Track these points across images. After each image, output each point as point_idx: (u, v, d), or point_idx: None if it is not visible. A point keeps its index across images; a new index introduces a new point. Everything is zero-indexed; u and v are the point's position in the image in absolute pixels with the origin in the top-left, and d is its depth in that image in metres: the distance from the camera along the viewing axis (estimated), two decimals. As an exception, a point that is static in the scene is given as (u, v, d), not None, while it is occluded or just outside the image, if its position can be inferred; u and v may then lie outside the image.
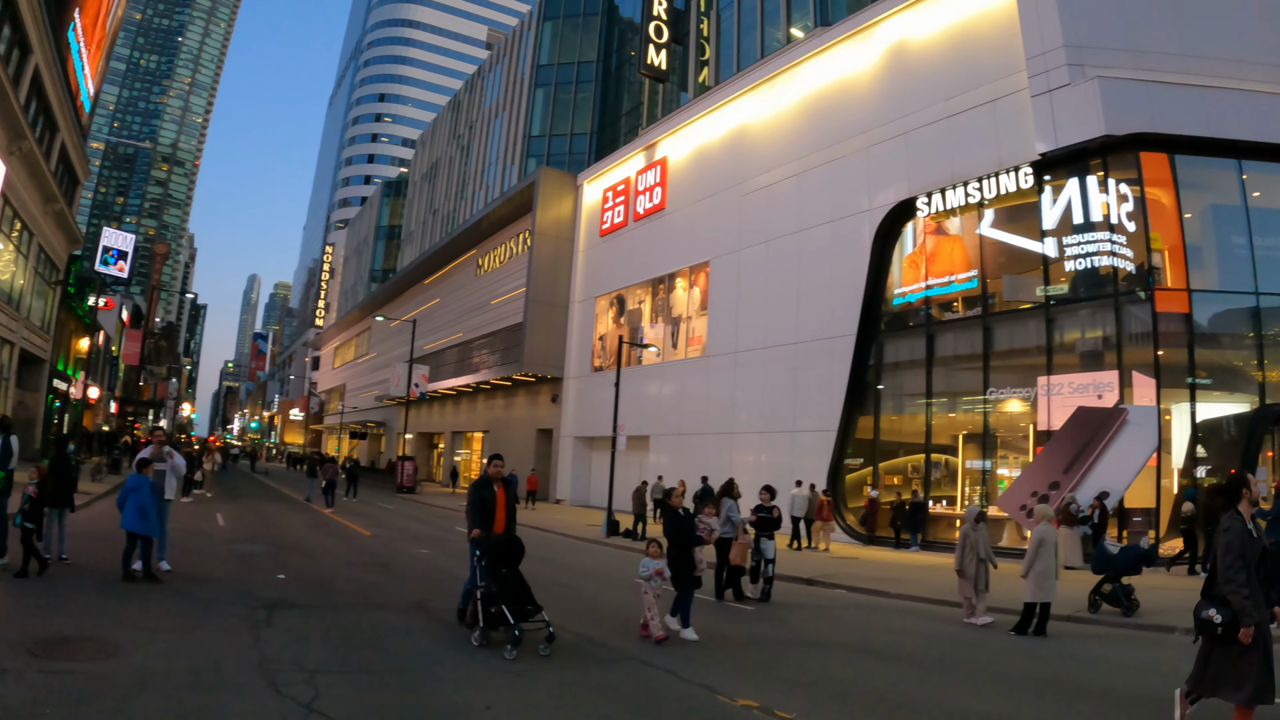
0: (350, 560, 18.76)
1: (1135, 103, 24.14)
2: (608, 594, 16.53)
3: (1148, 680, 10.70)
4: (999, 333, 26.88)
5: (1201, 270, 24.74)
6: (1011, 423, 26.76)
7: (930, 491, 28.06)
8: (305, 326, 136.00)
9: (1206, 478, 23.40)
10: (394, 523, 30.28)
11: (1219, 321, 24.83)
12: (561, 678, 9.25)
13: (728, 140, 37.79)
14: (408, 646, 10.32)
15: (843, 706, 8.91)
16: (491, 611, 10.44)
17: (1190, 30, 25.46)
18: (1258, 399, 23.91)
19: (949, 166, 27.78)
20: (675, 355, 39.37)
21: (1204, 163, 24.91)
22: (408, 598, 14.10)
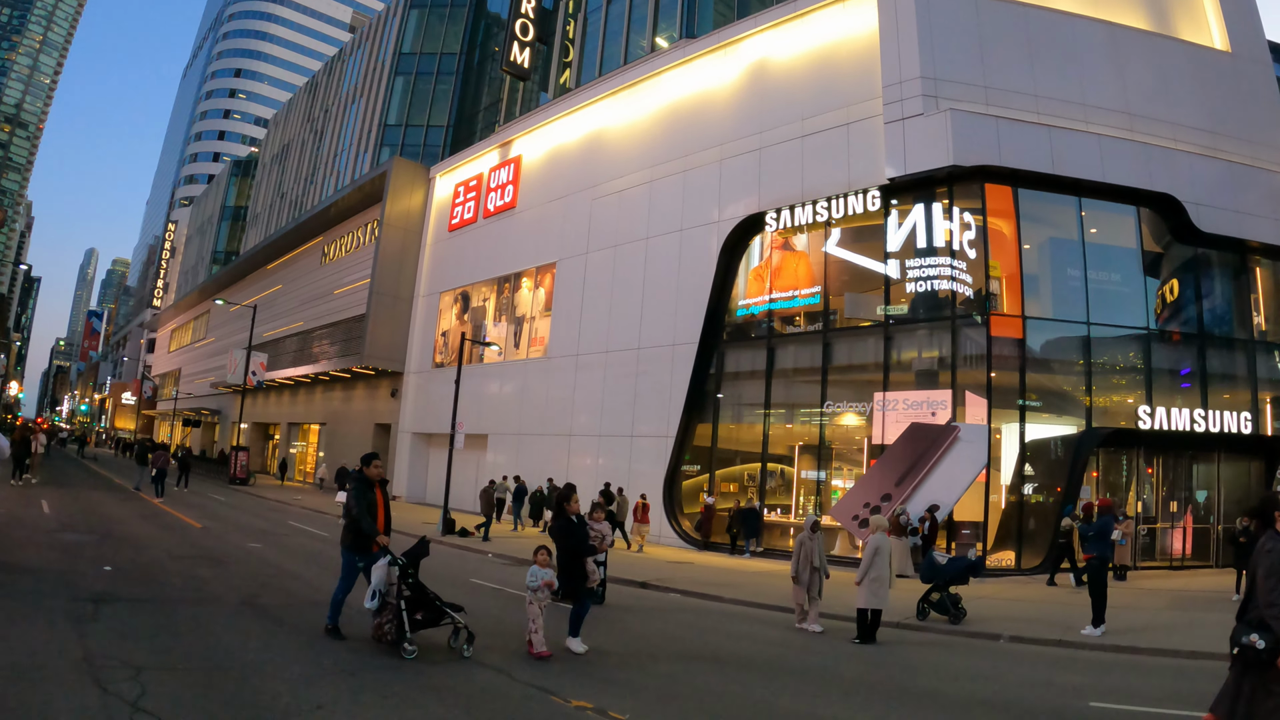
0: (180, 553, 18.22)
1: (984, 136, 24.83)
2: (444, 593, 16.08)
3: (976, 686, 11.10)
4: (839, 348, 27.32)
5: (1037, 299, 25.72)
6: (847, 436, 27.22)
7: (765, 500, 28.22)
8: (142, 306, 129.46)
9: (1033, 494, 24.57)
10: (225, 515, 29.43)
11: (1051, 348, 25.77)
12: (394, 678, 9.13)
13: (584, 143, 37.32)
14: (238, 644, 10.11)
15: (677, 709, 9.00)
16: (416, 618, 10.44)
17: (1042, 72, 26.51)
18: (1084, 422, 25.09)
19: (799, 184, 28.13)
20: (517, 355, 38.68)
21: (1046, 198, 25.81)
22: (238, 593, 13.72)
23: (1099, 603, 14.84)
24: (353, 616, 11.48)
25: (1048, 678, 11.82)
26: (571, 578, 11.32)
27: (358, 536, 11.03)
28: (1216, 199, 26.94)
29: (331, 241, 55.12)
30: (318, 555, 20.32)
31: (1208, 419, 25.97)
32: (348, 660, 9.69)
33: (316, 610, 12.02)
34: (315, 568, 18.00)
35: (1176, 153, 26.96)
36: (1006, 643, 14.58)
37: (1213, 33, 30.24)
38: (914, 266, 25.39)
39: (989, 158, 24.73)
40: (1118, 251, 26.69)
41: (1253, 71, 29.88)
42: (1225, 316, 28.05)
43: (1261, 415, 27.39)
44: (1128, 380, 26.71)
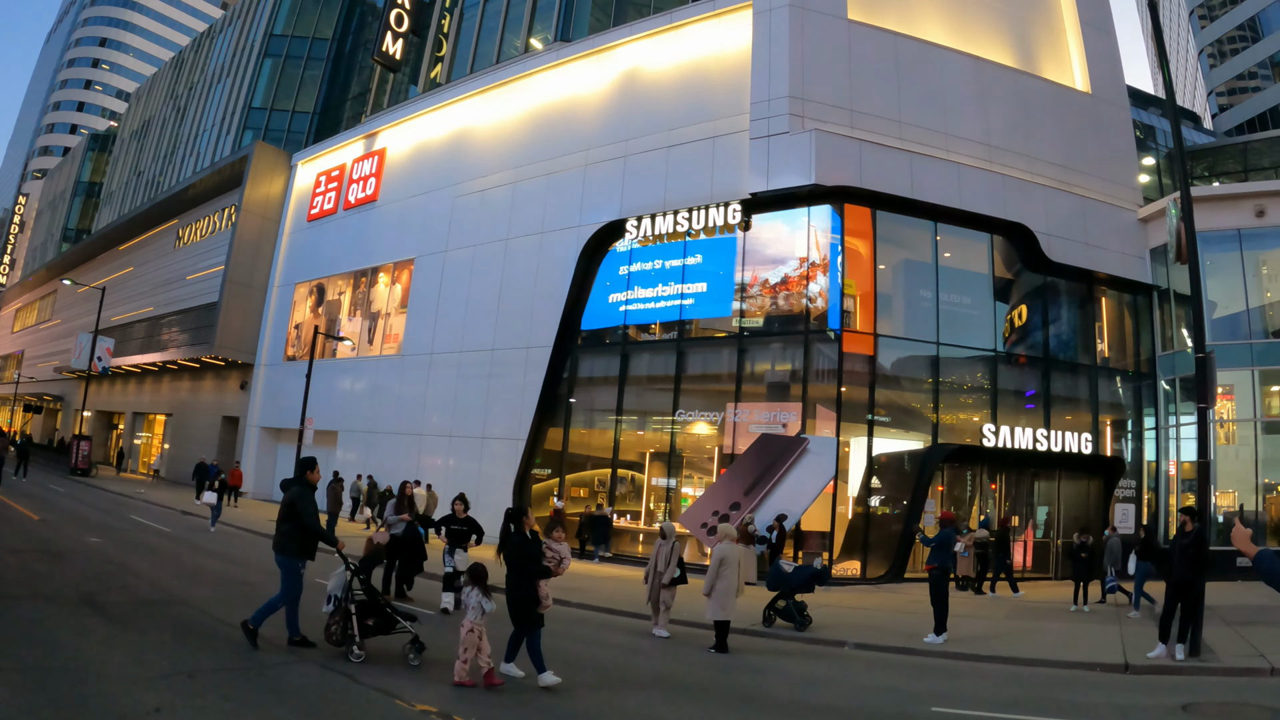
0: (15, 546, 17.61)
1: (847, 158, 25.24)
2: None
3: (821, 692, 11.41)
4: (693, 358, 27.45)
5: (890, 317, 26.20)
6: (698, 444, 27.37)
7: (615, 506, 28.01)
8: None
9: (880, 507, 25.12)
10: (65, 506, 28.38)
11: (901, 365, 26.28)
12: (235, 680, 8.96)
13: (450, 140, 36.41)
14: (74, 644, 9.81)
15: (525, 713, 9.10)
16: (368, 624, 10.49)
17: (907, 99, 27.06)
18: (931, 438, 25.65)
19: (662, 194, 28.08)
20: (371, 351, 37.53)
21: (903, 220, 26.27)
22: (77, 590, 13.20)
23: (940, 611, 15.09)
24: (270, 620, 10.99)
25: (891, 684, 12.03)
26: (521, 601, 10.36)
27: (302, 542, 10.96)
28: (1067, 231, 27.86)
29: (187, 225, 52.66)
30: (160, 551, 19.83)
31: (1050, 439, 26.88)
32: (189, 662, 9.41)
33: (158, 609, 11.92)
34: (158, 565, 17.49)
35: (1032, 185, 27.81)
36: (851, 650, 14.79)
37: (1075, 73, 31.28)
38: (770, 281, 25.59)
39: (850, 179, 25.13)
40: (970, 276, 27.33)
41: (1110, 113, 31.05)
42: (1070, 342, 29.04)
43: (1101, 437, 28.60)
44: (974, 399, 27.41)
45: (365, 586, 10.78)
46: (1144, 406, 30.06)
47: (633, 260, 28.44)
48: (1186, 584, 13.94)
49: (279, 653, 10.39)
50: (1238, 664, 13.73)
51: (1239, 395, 29.17)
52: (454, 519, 15.84)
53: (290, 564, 10.86)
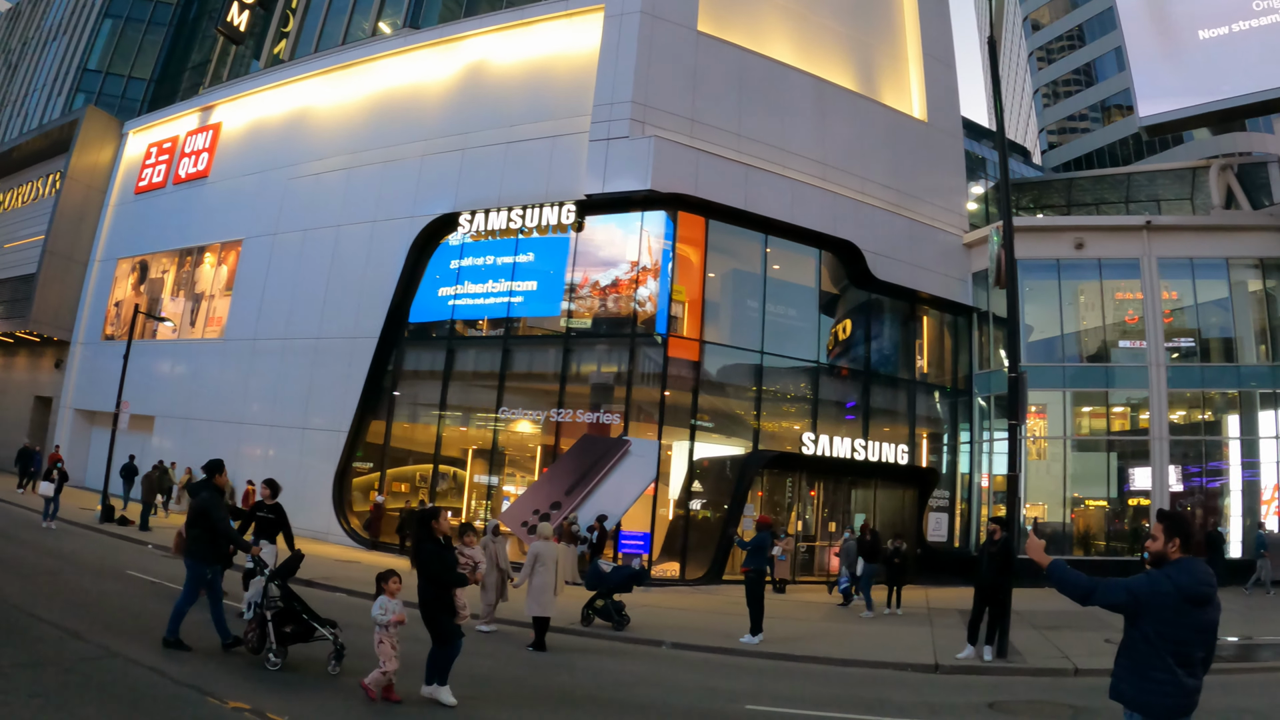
0: None
1: (684, 166, 25.72)
2: (97, 584, 15.75)
3: (638, 690, 11.66)
4: (519, 356, 27.67)
5: (717, 325, 26.88)
6: (522, 442, 27.70)
7: (437, 502, 27.58)
8: None
9: (700, 510, 25.62)
10: None
11: (726, 372, 26.99)
12: (42, 676, 8.71)
13: (288, 119, 35.45)
14: None
15: (337, 708, 9.07)
16: (286, 631, 10.34)
17: (748, 113, 27.75)
18: (752, 444, 26.46)
19: (498, 189, 27.99)
20: (193, 334, 36.28)
21: (736, 231, 26.92)
22: None
23: (756, 612, 15.60)
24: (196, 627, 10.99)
25: (707, 683, 12.37)
26: (437, 613, 9.72)
27: (213, 547, 10.89)
28: (894, 251, 29.13)
29: (8, 190, 49.82)
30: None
31: (868, 449, 28.07)
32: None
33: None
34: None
35: (863, 205, 28.94)
36: (669, 649, 15.11)
37: (914, 102, 32.69)
38: (601, 283, 25.95)
39: (686, 187, 25.63)
40: (798, 289, 28.29)
41: (943, 141, 32.62)
42: (892, 357, 30.45)
43: (918, 449, 30.09)
44: (796, 408, 28.36)
45: (283, 593, 10.60)
46: (960, 421, 31.68)
47: (464, 255, 28.27)
48: (994, 589, 14.77)
49: (93, 646, 10.21)
50: (1044, 665, 14.63)
51: (1051, 414, 30.99)
52: (262, 505, 14.62)
53: (198, 569, 10.84)
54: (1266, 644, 17.10)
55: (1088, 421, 32.03)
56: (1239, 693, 12.30)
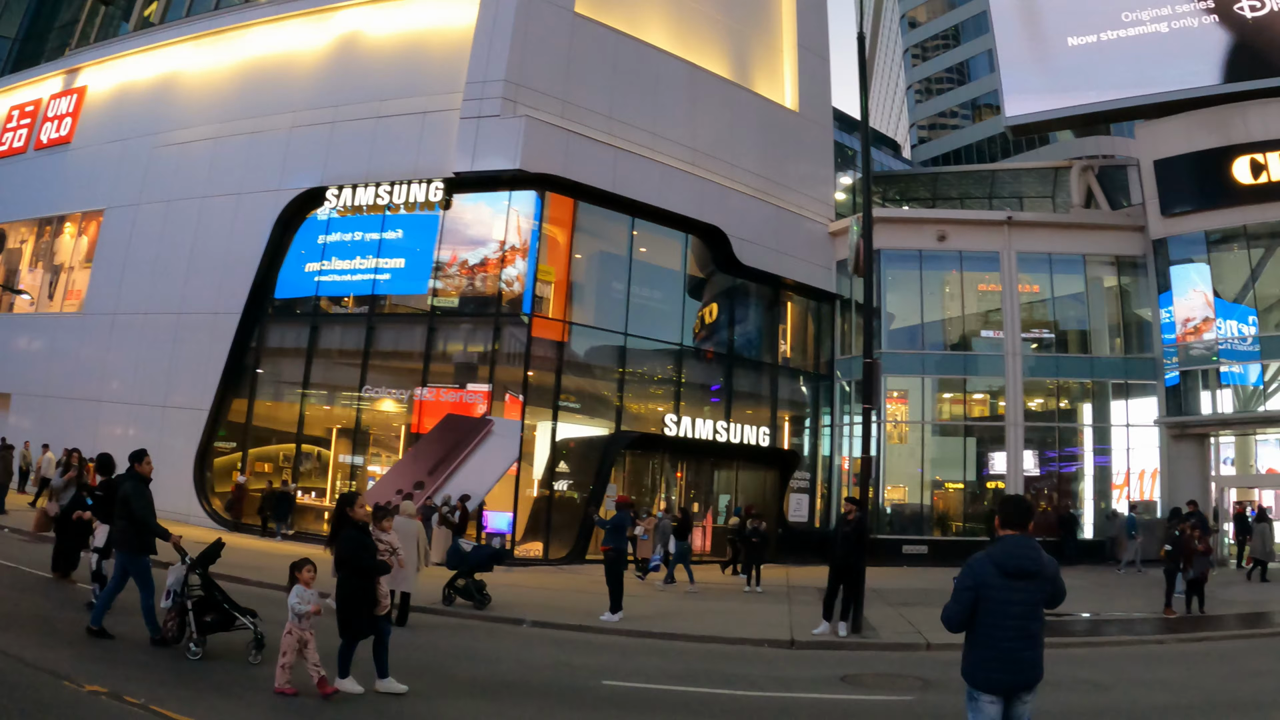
0: None
1: (554, 147, 26.03)
2: None
3: (498, 668, 11.72)
4: (384, 334, 27.81)
5: (582, 306, 27.41)
6: (386, 422, 27.75)
7: (300, 482, 27.85)
8: None
9: (564, 490, 26.05)
10: None
11: (591, 354, 27.60)
12: None
13: (156, 85, 34.61)
14: None
15: (193, 692, 9.03)
16: (206, 620, 10.34)
17: (621, 97, 28.25)
18: (615, 425, 27.03)
19: (367, 165, 27.91)
20: (51, 307, 35.36)
21: (603, 213, 27.46)
22: None
23: (616, 591, 15.97)
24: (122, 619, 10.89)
25: (567, 660, 12.58)
26: (359, 603, 9.40)
27: (138, 537, 10.79)
28: (761, 237, 30.01)
29: None
30: None
31: (729, 431, 28.93)
32: None
33: None
34: None
35: (731, 191, 29.74)
36: (529, 627, 15.32)
37: (786, 92, 33.65)
38: (469, 262, 26.27)
39: (555, 168, 25.96)
40: (664, 272, 29.02)
41: (814, 132, 33.76)
42: (756, 342, 31.56)
43: (780, 431, 31.17)
44: (660, 390, 29.11)
45: (204, 582, 10.61)
46: (822, 405, 33.00)
47: (331, 230, 28.16)
48: (848, 567, 15.37)
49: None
50: (897, 640, 15.34)
51: (913, 400, 32.20)
52: (106, 483, 13.51)
53: (130, 561, 10.82)
54: (1114, 620, 18.14)
55: (948, 407, 33.53)
56: (1085, 665, 13.21)
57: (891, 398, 32.52)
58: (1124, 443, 32.51)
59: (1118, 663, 13.85)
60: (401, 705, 9.26)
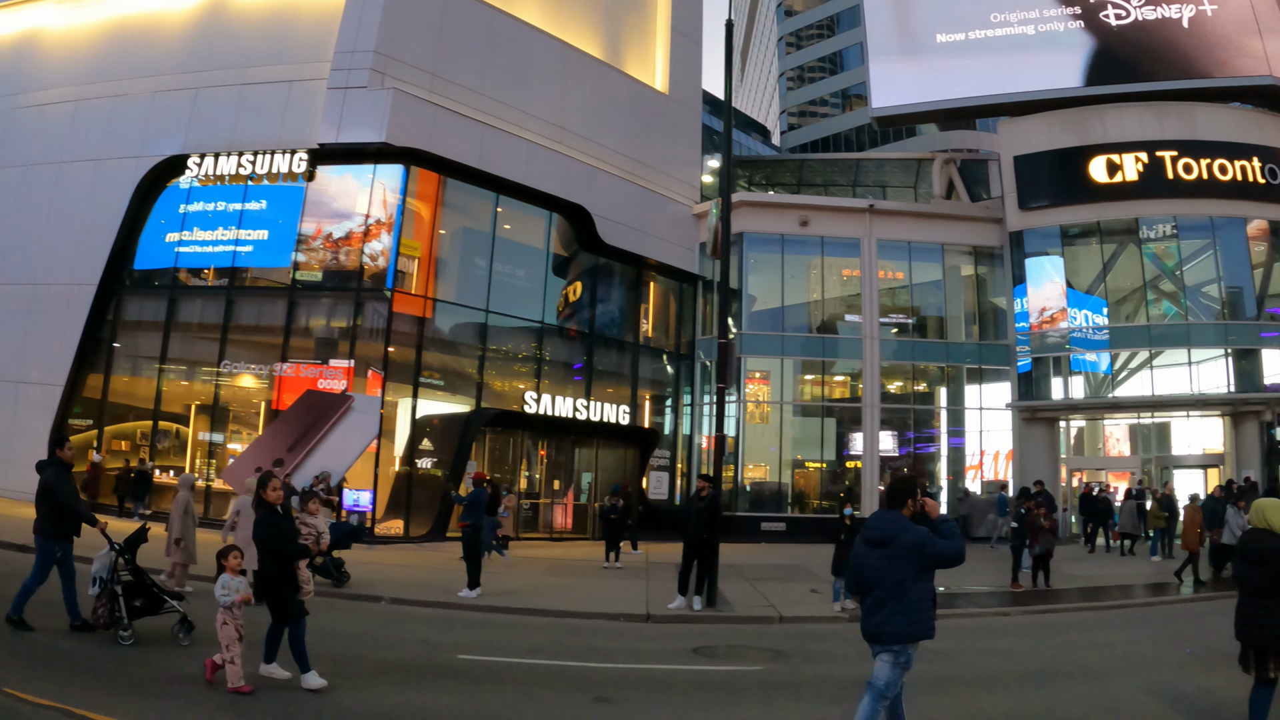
0: None
1: (421, 121, 26.49)
2: None
3: (356, 645, 11.80)
4: (245, 308, 27.90)
5: (446, 282, 28.08)
6: (246, 398, 27.85)
7: (158, 460, 27.77)
8: None
9: (425, 468, 26.50)
10: None
11: (453, 330, 28.30)
12: None
13: (16, 42, 33.72)
14: None
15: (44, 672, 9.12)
16: (135, 605, 10.49)
17: (491, 73, 28.83)
18: (476, 402, 27.57)
19: (231, 133, 27.95)
20: (-102, 278, 34.19)
21: (469, 189, 28.16)
22: None
23: (474, 567, 16.36)
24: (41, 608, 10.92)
25: (424, 636, 12.80)
26: (279, 588, 9.29)
27: (60, 524, 10.89)
28: (625, 218, 31.18)
29: None
30: None
31: (590, 409, 30.06)
32: None
33: None
34: None
35: (598, 171, 30.80)
36: (388, 604, 15.63)
37: (657, 74, 34.88)
38: (333, 235, 26.63)
39: (421, 142, 26.45)
40: (528, 250, 29.95)
41: (682, 115, 35.02)
42: (618, 321, 32.83)
43: (641, 410, 32.50)
44: (522, 368, 30.06)
45: (131, 566, 10.72)
46: (683, 384, 34.47)
47: (193, 200, 28.09)
48: (702, 542, 16.07)
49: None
50: (751, 613, 16.04)
51: (774, 381, 33.64)
52: None
53: (47, 546, 10.90)
54: (964, 593, 19.15)
55: (810, 388, 35.29)
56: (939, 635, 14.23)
57: (754, 378, 34.12)
58: (978, 425, 34.82)
59: (965, 633, 14.61)
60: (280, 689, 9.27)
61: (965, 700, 10.21)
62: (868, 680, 7.23)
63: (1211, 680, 10.56)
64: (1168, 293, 33.95)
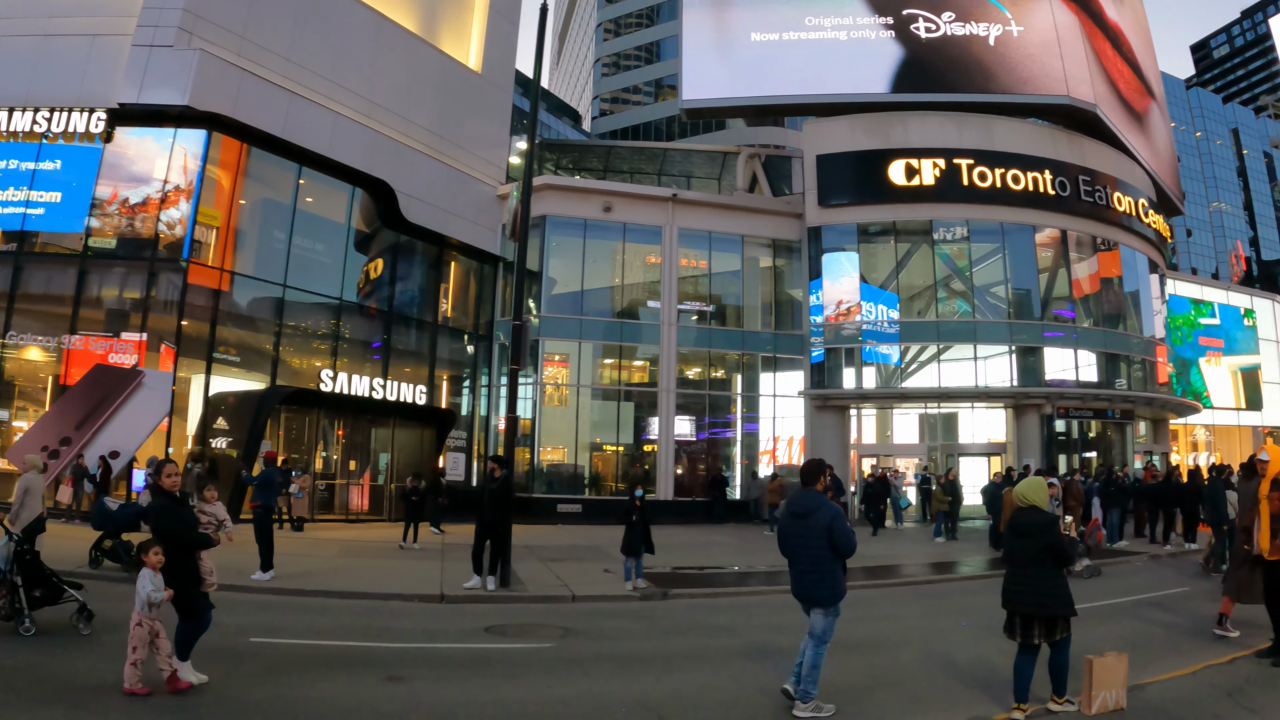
0: None
1: (227, 85, 26.60)
2: None
3: None
4: (33, 275, 27.49)
5: (244, 255, 28.41)
6: (32, 372, 27.74)
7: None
8: None
9: (222, 447, 26.34)
10: None
11: (251, 305, 28.63)
12: None
13: None
14: None
15: None
16: (35, 595, 10.73)
17: (303, 39, 29.20)
18: (272, 379, 28.08)
19: (28, 87, 27.16)
20: None
21: (272, 159, 28.56)
22: None
23: (266, 549, 16.55)
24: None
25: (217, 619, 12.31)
26: (181, 582, 9.18)
27: None
28: (430, 196, 32.50)
29: None
30: None
31: (386, 388, 31.21)
32: None
33: None
34: None
35: (404, 147, 31.92)
36: None
37: (472, 53, 36.25)
38: (130, 201, 26.58)
39: (226, 108, 26.61)
40: (329, 224, 30.78)
41: (494, 95, 36.66)
42: (418, 300, 34.38)
43: (437, 390, 33.90)
44: (320, 345, 30.70)
45: (29, 556, 10.91)
46: (481, 365, 36.25)
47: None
48: (495, 523, 16.78)
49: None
50: (544, 593, 16.81)
51: (573, 364, 35.93)
52: None
53: None
54: (758, 572, 20.78)
55: (609, 372, 37.58)
56: (724, 613, 15.39)
57: (553, 361, 36.21)
58: (772, 412, 38.23)
59: (754, 610, 15.81)
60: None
61: (753, 673, 11.03)
62: (808, 631, 9.19)
63: (984, 650, 11.72)
64: (958, 291, 38.14)
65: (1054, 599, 8.83)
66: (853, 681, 10.44)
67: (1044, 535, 8.89)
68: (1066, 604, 8.87)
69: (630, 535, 17.21)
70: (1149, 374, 40.86)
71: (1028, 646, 8.94)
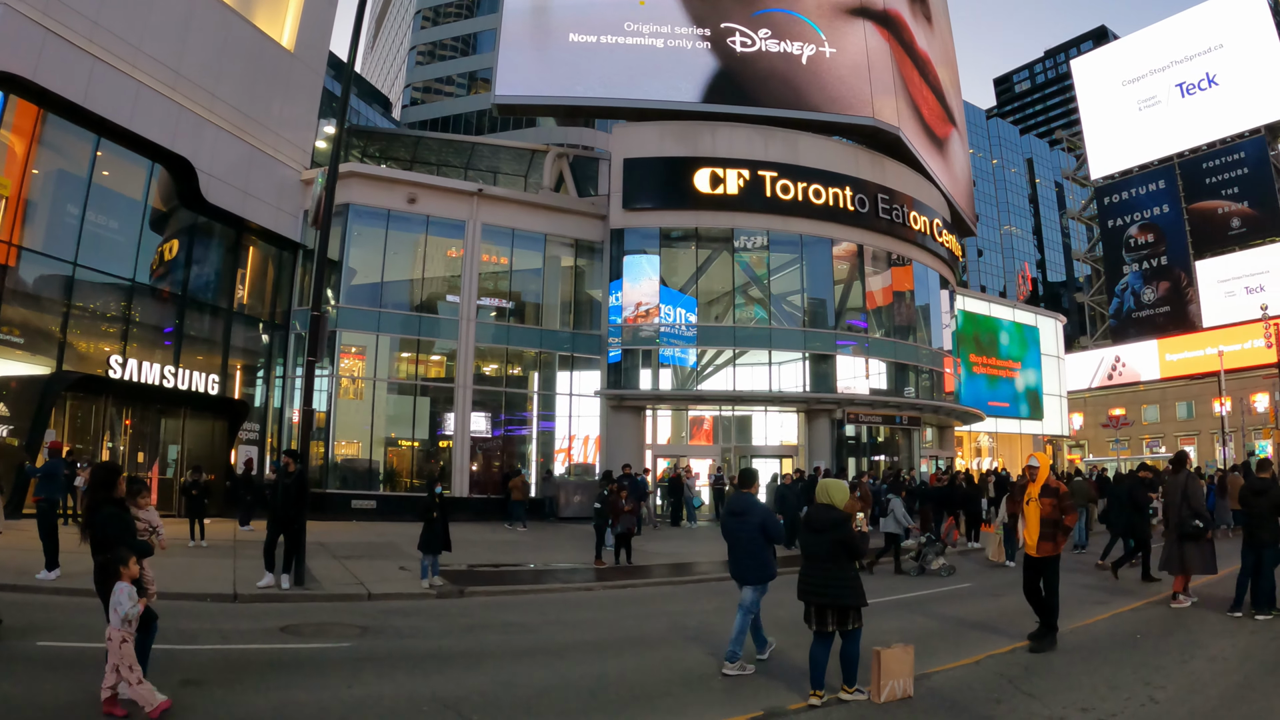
0: None
1: (29, 45, 25.14)
2: None
3: None
4: None
5: (33, 229, 27.04)
6: None
7: None
8: None
9: (10, 437, 24.94)
10: None
11: (39, 283, 27.47)
12: None
13: None
14: None
15: None
16: None
17: (111, 3, 27.89)
18: (57, 364, 26.96)
19: None
20: None
21: (69, 127, 27.27)
22: None
23: (51, 546, 15.96)
24: None
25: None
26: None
27: None
28: (231, 176, 32.03)
29: None
30: None
31: (178, 376, 30.40)
32: None
33: None
34: None
35: (207, 124, 31.23)
36: None
37: (286, 30, 35.68)
38: None
39: (25, 69, 25.02)
40: (126, 201, 29.81)
41: (305, 76, 36.25)
42: (214, 285, 33.70)
43: (231, 380, 33.36)
44: (112, 329, 29.83)
45: None
46: (277, 355, 35.92)
47: None
48: (289, 519, 16.81)
49: None
50: (340, 591, 16.99)
51: (370, 357, 36.21)
52: None
53: None
54: (552, 569, 21.82)
55: (406, 366, 37.90)
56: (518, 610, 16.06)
57: (350, 353, 36.24)
58: (569, 410, 39.36)
59: (550, 607, 16.62)
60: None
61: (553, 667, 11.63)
62: (738, 603, 11.31)
63: (781, 642, 12.33)
64: (756, 299, 40.37)
65: (846, 591, 9.76)
66: (642, 678, 11.24)
67: (836, 531, 9.88)
68: (858, 595, 9.80)
69: (429, 532, 17.70)
70: (936, 383, 44.34)
71: (822, 635, 9.84)
